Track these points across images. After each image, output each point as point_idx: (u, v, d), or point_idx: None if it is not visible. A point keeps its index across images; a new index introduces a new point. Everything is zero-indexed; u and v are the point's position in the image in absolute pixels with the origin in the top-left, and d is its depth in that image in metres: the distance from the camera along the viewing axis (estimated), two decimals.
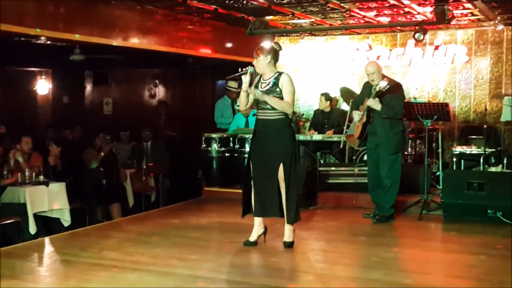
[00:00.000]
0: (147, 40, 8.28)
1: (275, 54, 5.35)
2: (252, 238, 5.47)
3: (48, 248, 5.81)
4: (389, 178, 6.67)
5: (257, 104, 5.37)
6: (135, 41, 8.05)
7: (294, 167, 5.35)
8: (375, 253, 5.38)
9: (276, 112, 5.28)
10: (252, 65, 5.34)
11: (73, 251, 5.42)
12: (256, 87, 5.36)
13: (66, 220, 7.59)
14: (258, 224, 5.47)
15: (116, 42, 7.72)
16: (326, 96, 9.29)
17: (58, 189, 7.55)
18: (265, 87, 5.31)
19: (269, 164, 5.31)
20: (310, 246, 5.67)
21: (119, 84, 13.10)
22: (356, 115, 6.80)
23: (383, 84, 6.38)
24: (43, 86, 12.41)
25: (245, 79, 5.30)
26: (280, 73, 5.34)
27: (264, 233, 5.53)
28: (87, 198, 8.35)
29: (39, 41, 8.90)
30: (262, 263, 5.16)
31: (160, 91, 12.81)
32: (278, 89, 5.25)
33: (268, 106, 5.29)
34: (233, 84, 10.11)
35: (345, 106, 9.80)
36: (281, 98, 5.25)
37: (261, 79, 5.39)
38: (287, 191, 5.30)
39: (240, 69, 5.35)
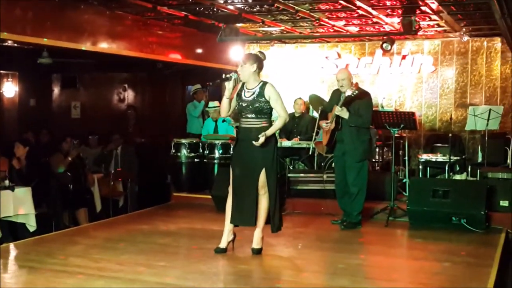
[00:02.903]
0: (117, 45, 8.22)
1: (260, 63, 5.35)
2: (222, 245, 5.47)
3: (13, 254, 5.71)
4: (355, 185, 6.75)
5: (240, 112, 5.36)
6: (104, 46, 8.00)
7: (276, 174, 5.38)
8: (342, 260, 5.43)
9: (260, 120, 5.29)
10: (236, 72, 5.33)
11: (38, 258, 5.35)
12: (239, 95, 5.34)
13: (31, 225, 7.46)
14: (228, 231, 5.48)
15: (85, 46, 7.65)
16: (303, 100, 9.44)
17: (23, 194, 7.43)
18: (249, 96, 5.29)
19: (250, 171, 5.31)
20: (278, 253, 5.69)
21: (87, 87, 12.96)
22: (324, 124, 6.87)
23: (350, 91, 6.48)
24: (9, 89, 12.21)
25: (229, 85, 5.28)
26: (264, 83, 5.32)
27: (233, 240, 5.54)
28: (53, 203, 8.24)
29: (6, 44, 8.76)
30: (230, 270, 5.17)
31: (129, 96, 12.72)
32: (263, 99, 5.24)
33: (251, 115, 5.29)
34: (197, 86, 10.21)
35: (314, 114, 9.89)
36: (267, 108, 5.27)
37: (245, 87, 5.35)
38: (271, 198, 5.33)
39: (223, 75, 5.30)
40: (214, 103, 9.28)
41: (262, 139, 5.13)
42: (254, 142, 5.14)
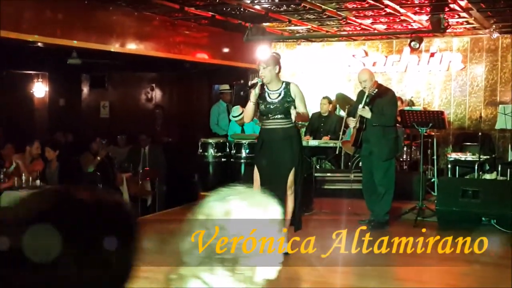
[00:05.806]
0: (144, 45, 8.31)
1: (279, 64, 5.43)
2: None
3: None
4: (382, 185, 6.72)
5: (267, 114, 5.41)
6: (132, 47, 8.09)
7: (302, 175, 5.49)
8: (371, 260, 5.41)
9: (287, 120, 5.35)
10: (260, 77, 5.38)
11: None
12: (263, 98, 5.39)
13: None
14: None
15: (114, 48, 7.75)
16: (329, 100, 9.38)
17: None
18: (276, 97, 5.36)
19: (279, 171, 5.36)
20: (304, 253, 5.68)
21: (116, 87, 13.10)
22: (352, 122, 6.86)
23: (371, 89, 6.47)
24: (39, 89, 12.43)
25: (256, 91, 5.34)
26: (288, 83, 5.42)
27: None
28: None
29: (36, 45, 8.91)
30: None
31: (157, 95, 12.83)
32: (290, 99, 5.33)
33: (280, 116, 5.35)
34: (226, 86, 10.14)
35: (341, 112, 9.85)
36: (293, 107, 5.31)
37: (267, 89, 5.41)
38: (296, 198, 5.41)
39: (249, 83, 5.43)
40: (237, 111, 9.05)
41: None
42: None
